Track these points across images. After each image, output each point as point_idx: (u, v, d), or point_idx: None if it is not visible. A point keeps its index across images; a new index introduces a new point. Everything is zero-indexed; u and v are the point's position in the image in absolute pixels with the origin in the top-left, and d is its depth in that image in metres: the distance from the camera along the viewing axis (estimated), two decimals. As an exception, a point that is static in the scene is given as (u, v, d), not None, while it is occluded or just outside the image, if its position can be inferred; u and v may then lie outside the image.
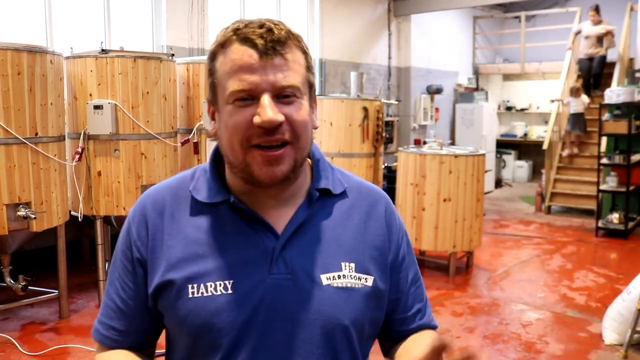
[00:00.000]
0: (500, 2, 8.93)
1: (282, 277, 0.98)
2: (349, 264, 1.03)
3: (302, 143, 0.97)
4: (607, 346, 3.52)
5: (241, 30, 0.95)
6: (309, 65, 1.01)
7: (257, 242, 1.00)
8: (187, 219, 1.04)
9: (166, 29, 5.94)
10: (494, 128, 10.59)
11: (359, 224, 1.08)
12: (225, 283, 0.97)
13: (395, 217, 1.15)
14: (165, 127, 4.20)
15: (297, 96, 0.96)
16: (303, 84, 0.97)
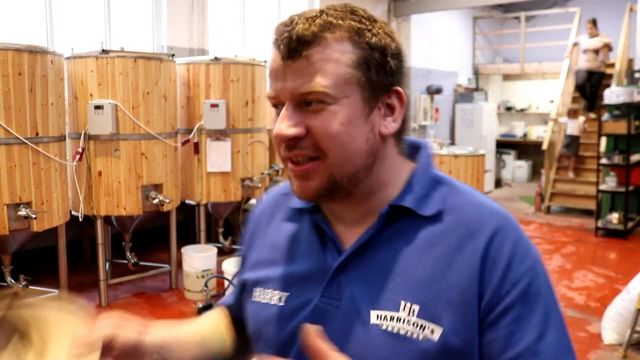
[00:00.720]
0: (500, 2, 8.94)
1: (331, 303, 0.86)
2: (412, 306, 0.80)
3: (333, 158, 0.82)
4: (607, 346, 3.53)
5: (276, 29, 0.85)
6: (363, 60, 0.82)
7: (321, 258, 0.90)
8: (279, 221, 1.01)
9: (166, 29, 5.95)
10: (494, 128, 10.60)
11: (441, 258, 0.82)
12: (282, 294, 0.92)
13: (504, 255, 0.81)
14: (166, 127, 4.21)
15: (326, 102, 0.80)
16: (339, 86, 0.80)
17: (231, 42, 6.87)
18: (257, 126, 4.81)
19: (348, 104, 0.81)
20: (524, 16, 10.69)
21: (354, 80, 0.81)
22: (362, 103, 0.82)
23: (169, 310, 4.07)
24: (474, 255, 0.81)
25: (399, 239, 0.85)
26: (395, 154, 0.90)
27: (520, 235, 0.85)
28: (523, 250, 0.83)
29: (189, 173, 4.73)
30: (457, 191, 0.89)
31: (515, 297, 0.80)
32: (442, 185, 0.90)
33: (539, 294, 0.83)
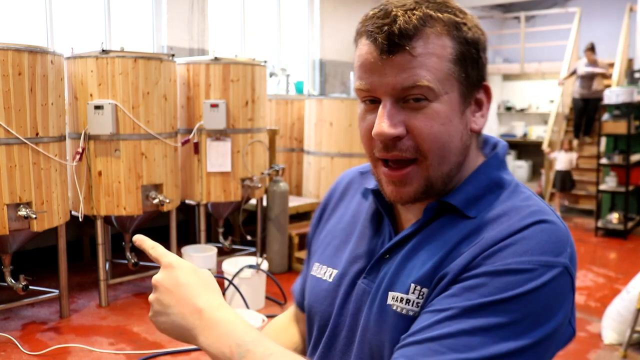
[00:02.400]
0: (500, 2, 8.94)
1: (369, 285, 0.88)
2: (421, 290, 0.80)
3: (432, 160, 0.80)
4: (607, 346, 3.53)
5: (368, 20, 0.80)
6: (462, 56, 0.80)
7: (373, 240, 0.92)
8: (350, 198, 1.02)
9: (166, 29, 5.95)
10: (494, 128, 10.60)
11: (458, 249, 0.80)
12: (332, 271, 0.95)
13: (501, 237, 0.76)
14: (166, 127, 4.21)
15: (429, 99, 0.78)
16: (441, 82, 0.78)
17: (231, 42, 6.87)
18: (257, 126, 4.81)
19: (448, 101, 0.79)
20: (524, 16, 10.69)
21: (454, 76, 0.79)
22: (459, 99, 0.81)
23: (169, 310, 4.07)
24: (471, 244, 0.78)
25: (439, 233, 0.83)
26: (475, 150, 0.88)
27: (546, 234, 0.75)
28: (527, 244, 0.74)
29: (189, 173, 4.73)
30: (516, 197, 0.82)
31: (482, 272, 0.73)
32: (502, 189, 0.84)
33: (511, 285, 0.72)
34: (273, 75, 6.69)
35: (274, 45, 7.45)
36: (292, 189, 5.94)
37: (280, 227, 4.92)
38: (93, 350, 3.37)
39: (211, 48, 6.30)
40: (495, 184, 0.85)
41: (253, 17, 7.11)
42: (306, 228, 5.32)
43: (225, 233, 5.07)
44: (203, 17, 6.25)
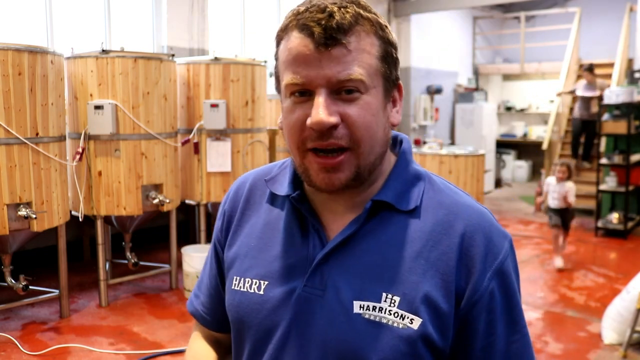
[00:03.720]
0: (500, 2, 8.94)
1: (314, 292, 0.87)
2: (393, 297, 0.83)
3: (364, 148, 0.84)
4: (607, 346, 3.53)
5: (301, 15, 0.83)
6: (385, 54, 0.85)
7: (304, 247, 0.91)
8: (257, 207, 1.00)
9: (166, 29, 5.95)
10: (494, 128, 10.60)
11: (419, 253, 0.85)
12: (260, 283, 0.93)
13: (480, 251, 0.85)
14: (166, 127, 4.21)
15: (361, 92, 0.82)
16: (371, 77, 0.83)
17: (231, 42, 6.87)
18: (257, 126, 4.81)
19: (375, 95, 0.85)
20: (524, 16, 10.69)
21: (380, 72, 0.85)
22: (383, 94, 0.86)
23: (169, 310, 4.08)
24: (449, 252, 0.85)
25: (380, 232, 0.88)
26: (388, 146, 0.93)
27: (491, 230, 0.89)
28: (495, 245, 0.87)
29: (189, 173, 4.73)
30: (434, 187, 0.92)
31: (491, 292, 0.85)
32: (421, 181, 0.92)
33: (509, 285, 0.88)
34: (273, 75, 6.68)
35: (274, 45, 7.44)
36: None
37: (280, 227, 4.91)
38: (93, 350, 3.37)
39: (211, 48, 6.30)
40: (414, 176, 0.93)
41: (253, 17, 7.10)
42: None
43: (225, 233, 5.07)
44: (203, 17, 6.25)
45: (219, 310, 1.06)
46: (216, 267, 1.07)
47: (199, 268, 4.27)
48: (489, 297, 0.85)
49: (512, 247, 0.90)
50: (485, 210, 0.92)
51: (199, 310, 1.11)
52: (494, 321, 0.86)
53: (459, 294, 0.84)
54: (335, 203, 0.91)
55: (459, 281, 0.84)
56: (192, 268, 4.27)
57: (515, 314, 0.88)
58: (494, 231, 0.89)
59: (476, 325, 0.85)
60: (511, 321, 0.87)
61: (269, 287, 0.92)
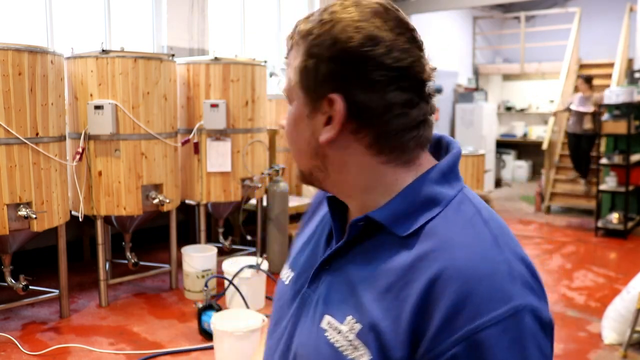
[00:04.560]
0: (500, 2, 8.94)
1: (310, 296, 0.87)
2: (355, 324, 0.76)
3: (293, 153, 0.89)
4: (607, 346, 3.53)
5: None
6: (303, 66, 0.81)
7: (323, 247, 0.92)
8: (322, 207, 1.02)
9: (166, 29, 5.95)
10: (494, 128, 10.60)
11: (392, 285, 0.75)
12: (290, 274, 0.97)
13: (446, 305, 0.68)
14: (166, 127, 4.21)
15: (289, 102, 0.88)
16: (291, 89, 0.85)
17: (231, 42, 6.87)
18: (257, 126, 4.81)
19: (296, 107, 0.85)
20: (524, 16, 10.69)
21: (299, 85, 0.82)
22: (306, 107, 0.82)
23: (169, 310, 4.08)
24: (415, 294, 0.71)
25: (371, 252, 0.81)
26: (371, 163, 0.81)
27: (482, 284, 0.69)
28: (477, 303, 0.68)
29: (189, 173, 4.73)
30: (455, 217, 0.77)
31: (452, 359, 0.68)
32: (437, 207, 0.78)
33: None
34: (273, 75, 6.68)
35: (274, 45, 7.45)
36: (292, 189, 5.93)
37: (280, 227, 4.92)
38: (93, 350, 3.37)
39: (211, 48, 6.30)
40: (428, 200, 0.79)
41: (253, 17, 7.10)
42: (306, 228, 5.33)
43: (225, 233, 5.07)
44: (203, 17, 6.25)
45: None
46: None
47: (199, 268, 4.27)
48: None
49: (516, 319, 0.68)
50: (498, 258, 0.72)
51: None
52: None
53: (415, 344, 0.70)
54: (350, 206, 0.89)
55: (417, 331, 0.70)
56: (192, 268, 4.27)
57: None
58: (484, 288, 0.68)
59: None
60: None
61: (292, 279, 0.95)
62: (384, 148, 0.80)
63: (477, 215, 0.78)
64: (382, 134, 0.79)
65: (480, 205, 0.81)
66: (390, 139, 0.79)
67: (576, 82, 8.18)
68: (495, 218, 0.80)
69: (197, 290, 4.22)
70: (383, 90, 0.76)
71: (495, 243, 0.74)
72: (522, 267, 0.73)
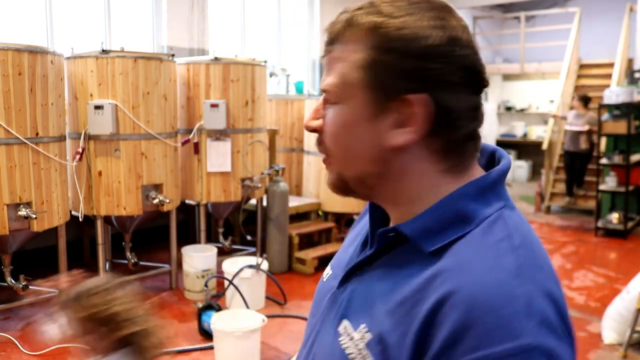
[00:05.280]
0: (500, 2, 8.94)
1: (338, 295, 0.86)
2: (366, 333, 0.74)
3: (336, 158, 0.80)
4: (607, 346, 3.53)
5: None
6: (372, 62, 0.74)
7: (360, 250, 0.90)
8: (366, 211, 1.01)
9: (166, 29, 5.95)
10: (494, 128, 10.60)
11: (407, 299, 0.72)
12: (329, 273, 0.96)
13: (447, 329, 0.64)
14: (166, 127, 4.21)
15: (332, 101, 0.78)
16: (345, 87, 0.76)
17: (231, 42, 6.87)
18: (257, 126, 4.81)
19: (352, 107, 0.76)
20: (524, 16, 10.69)
21: (363, 83, 0.75)
22: (369, 107, 0.75)
23: (169, 310, 4.08)
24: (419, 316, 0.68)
25: (396, 264, 0.78)
26: (429, 170, 0.76)
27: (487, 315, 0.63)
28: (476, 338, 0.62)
29: (189, 173, 4.73)
30: (482, 239, 0.71)
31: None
32: (468, 225, 0.73)
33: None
34: (273, 75, 6.69)
35: (274, 45, 7.45)
36: (292, 189, 5.94)
37: (280, 227, 4.92)
38: (93, 350, 3.37)
39: (211, 48, 6.30)
40: (460, 217, 0.73)
41: (253, 17, 7.10)
42: (306, 228, 5.33)
43: (225, 233, 5.07)
44: (203, 17, 6.25)
45: None
46: None
47: (199, 268, 4.27)
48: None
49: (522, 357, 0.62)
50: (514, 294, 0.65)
51: None
52: None
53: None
54: (390, 213, 0.84)
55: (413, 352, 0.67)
56: (192, 268, 4.27)
57: None
58: (490, 320, 0.63)
59: None
60: None
61: (330, 277, 0.94)
62: (448, 156, 0.76)
63: (506, 240, 0.71)
64: (452, 140, 0.75)
65: (515, 228, 0.73)
66: (457, 146, 0.75)
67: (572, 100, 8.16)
68: (529, 246, 0.72)
69: (197, 290, 4.22)
70: (461, 92, 0.73)
71: (517, 273, 0.67)
72: (545, 303, 0.65)
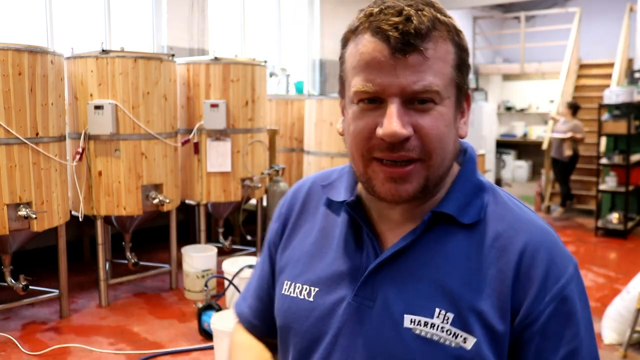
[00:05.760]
0: (500, 2, 8.94)
1: (364, 303, 0.85)
2: (446, 314, 0.79)
3: (435, 160, 0.80)
4: (607, 346, 3.53)
5: (375, 17, 0.78)
6: (460, 62, 0.81)
7: (357, 256, 0.88)
8: (314, 212, 0.98)
9: (166, 29, 5.95)
10: (494, 128, 10.61)
11: (476, 269, 0.81)
12: (311, 289, 0.90)
13: (540, 271, 0.80)
14: (166, 127, 4.21)
15: (435, 102, 0.78)
16: (446, 87, 0.79)
17: (231, 42, 6.87)
18: (257, 126, 4.81)
19: (449, 105, 0.81)
20: (524, 16, 10.69)
21: (455, 82, 0.81)
22: (455, 105, 0.83)
23: (169, 310, 4.08)
24: (507, 270, 0.80)
25: (437, 245, 0.84)
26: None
27: (555, 251, 0.82)
28: (557, 267, 0.81)
29: (189, 173, 4.73)
30: (497, 200, 0.87)
31: (548, 316, 0.79)
32: (484, 192, 0.87)
33: (572, 312, 0.81)
34: (273, 75, 6.69)
35: (274, 45, 7.45)
36: (292, 189, 5.93)
37: (280, 227, 4.91)
38: (93, 350, 3.37)
39: (211, 48, 6.31)
40: (478, 187, 0.88)
41: (253, 17, 7.11)
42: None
43: (225, 233, 5.07)
44: (203, 17, 6.25)
45: (267, 314, 1.03)
46: (268, 270, 1.04)
47: (199, 268, 4.27)
48: (545, 321, 0.78)
49: (578, 273, 0.84)
50: (549, 229, 0.86)
51: (245, 314, 1.09)
52: (547, 349, 0.79)
53: (514, 315, 0.79)
54: (393, 212, 0.87)
55: (515, 301, 0.79)
56: (192, 268, 4.27)
57: (575, 345, 0.79)
58: (558, 252, 0.83)
59: (526, 350, 0.79)
60: (570, 353, 0.79)
61: (319, 294, 0.89)
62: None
63: (508, 196, 0.90)
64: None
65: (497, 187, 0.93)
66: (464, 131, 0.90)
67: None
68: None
69: (197, 290, 4.22)
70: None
71: (535, 215, 0.89)
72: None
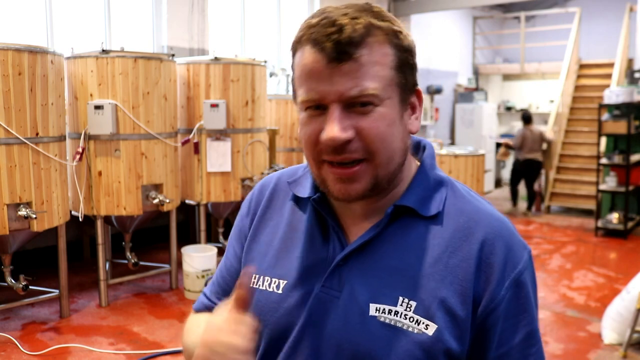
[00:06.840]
0: (500, 2, 8.94)
1: (330, 294, 0.89)
2: (409, 302, 0.84)
3: (381, 159, 0.84)
4: (607, 346, 3.53)
5: (313, 28, 0.82)
6: (401, 62, 0.84)
7: (324, 249, 0.92)
8: (280, 208, 1.01)
9: (167, 29, 5.95)
10: (494, 128, 10.60)
11: (438, 259, 0.86)
12: (279, 282, 0.94)
13: (499, 259, 0.86)
14: (166, 127, 4.21)
15: (374, 104, 0.82)
16: (384, 88, 0.82)
17: (231, 42, 6.87)
18: (257, 126, 4.81)
19: (391, 105, 0.84)
20: (524, 16, 10.69)
21: (395, 82, 0.84)
22: (399, 103, 0.86)
23: (169, 310, 4.08)
24: (468, 259, 0.86)
25: (400, 237, 0.89)
26: (408, 153, 0.93)
27: (511, 240, 0.89)
28: (515, 255, 0.88)
29: (189, 173, 4.73)
30: (456, 194, 0.93)
31: (508, 300, 0.85)
32: (443, 187, 0.93)
33: (527, 296, 0.88)
34: (273, 75, 6.69)
35: (274, 45, 7.45)
36: (292, 189, 5.93)
37: (280, 227, 4.91)
38: (93, 350, 3.37)
39: (211, 48, 6.30)
40: (437, 182, 0.93)
41: (253, 17, 7.10)
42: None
43: (225, 233, 5.07)
44: (203, 17, 6.25)
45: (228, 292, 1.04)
46: (240, 251, 1.06)
47: (199, 268, 4.27)
48: (506, 305, 0.85)
49: (531, 259, 0.91)
50: (505, 219, 0.92)
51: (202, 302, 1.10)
52: (509, 331, 0.86)
53: (476, 301, 0.84)
54: (355, 207, 0.92)
55: (477, 288, 0.84)
56: (192, 268, 4.27)
57: (532, 326, 0.87)
58: (515, 241, 0.89)
59: (492, 334, 0.85)
60: (528, 334, 0.87)
61: (288, 286, 0.93)
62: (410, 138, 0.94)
63: (466, 189, 0.96)
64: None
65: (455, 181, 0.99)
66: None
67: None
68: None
69: (197, 290, 4.22)
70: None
71: (492, 206, 0.94)
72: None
